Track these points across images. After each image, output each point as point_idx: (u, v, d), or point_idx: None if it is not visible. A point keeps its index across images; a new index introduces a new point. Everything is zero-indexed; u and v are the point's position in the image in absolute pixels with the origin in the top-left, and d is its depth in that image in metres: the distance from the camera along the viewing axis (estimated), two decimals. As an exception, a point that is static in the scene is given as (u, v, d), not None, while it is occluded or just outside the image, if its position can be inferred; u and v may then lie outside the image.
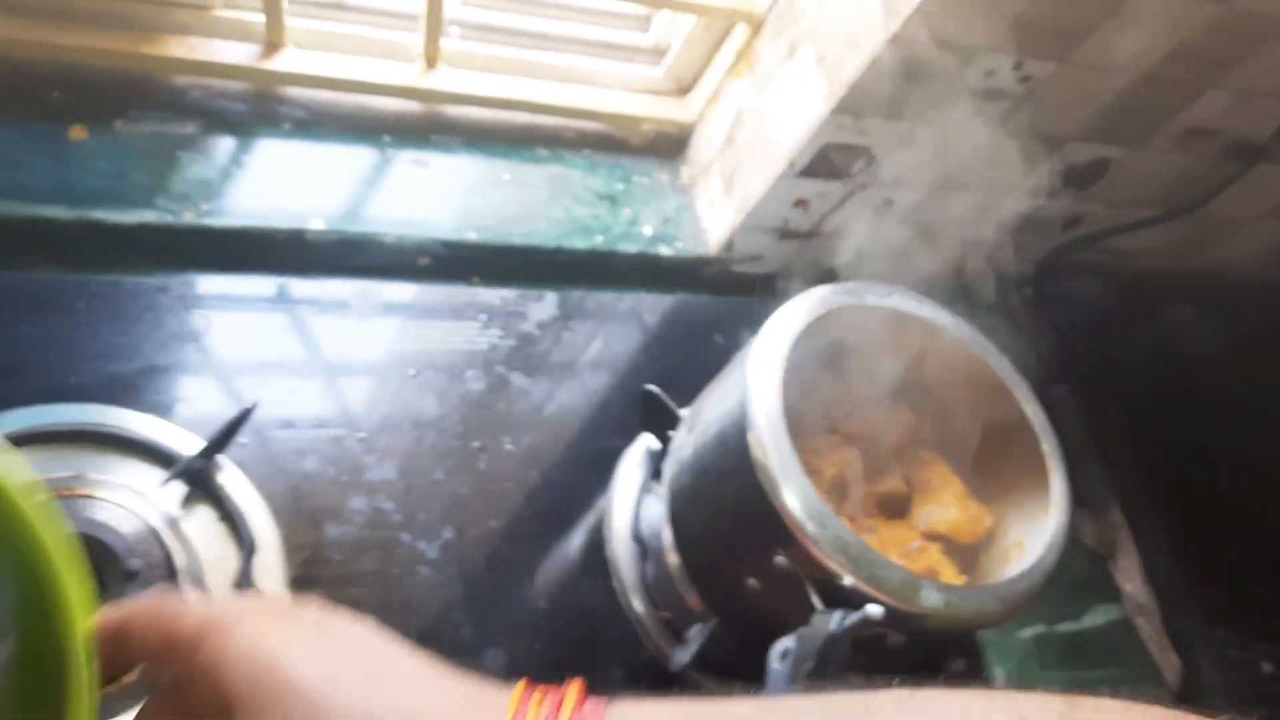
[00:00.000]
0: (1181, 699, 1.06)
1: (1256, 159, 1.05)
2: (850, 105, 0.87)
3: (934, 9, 0.78)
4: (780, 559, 0.64)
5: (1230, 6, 0.83)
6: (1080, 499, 1.14)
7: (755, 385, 0.66)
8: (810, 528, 0.62)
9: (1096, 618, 1.10)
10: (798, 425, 0.71)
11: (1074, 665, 1.06)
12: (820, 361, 0.75)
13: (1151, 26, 0.85)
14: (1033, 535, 0.75)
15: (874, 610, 0.60)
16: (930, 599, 0.63)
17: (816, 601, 0.63)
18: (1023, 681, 1.02)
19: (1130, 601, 1.10)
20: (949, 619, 0.64)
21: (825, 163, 0.93)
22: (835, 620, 0.60)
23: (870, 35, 0.82)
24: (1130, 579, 1.10)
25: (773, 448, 0.63)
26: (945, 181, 1.00)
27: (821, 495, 0.75)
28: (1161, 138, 1.00)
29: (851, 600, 0.62)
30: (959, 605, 0.64)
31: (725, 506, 0.69)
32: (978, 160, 0.97)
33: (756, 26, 0.97)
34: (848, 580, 0.62)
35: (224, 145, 0.89)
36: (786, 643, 0.62)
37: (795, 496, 0.62)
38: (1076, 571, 1.12)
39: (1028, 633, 1.06)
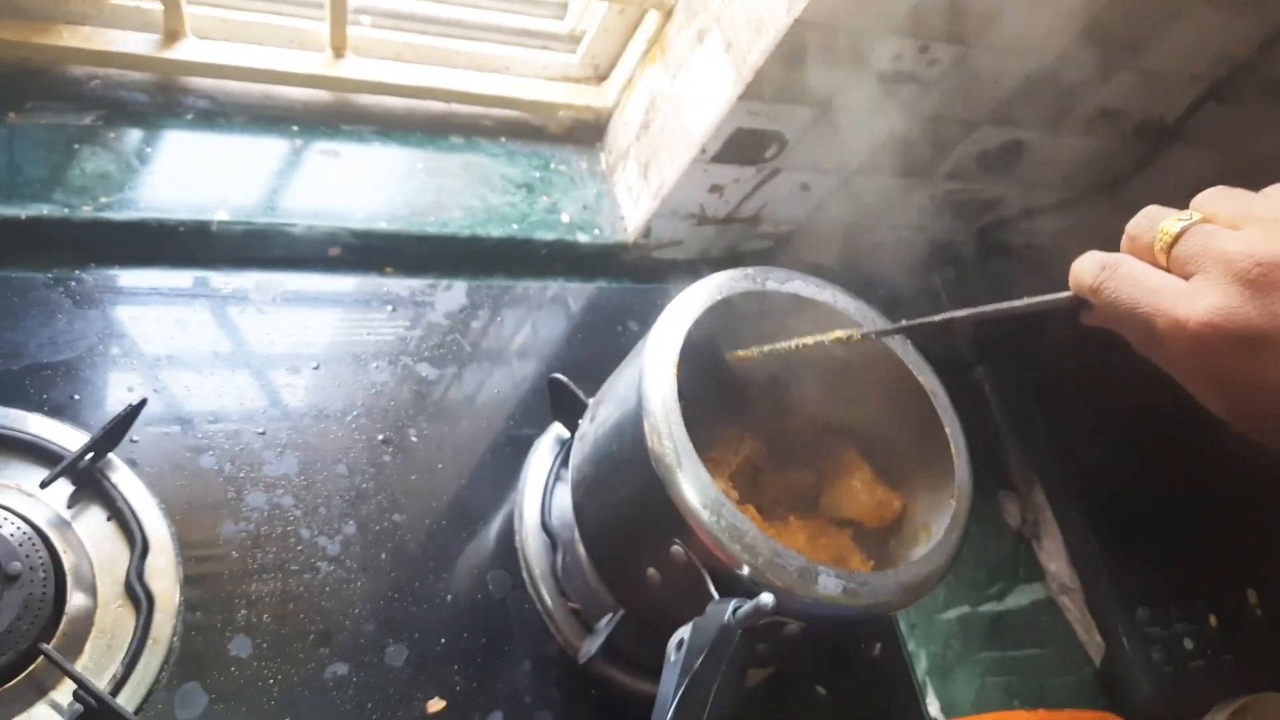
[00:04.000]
0: (1105, 676, 1.07)
1: (1168, 140, 1.05)
2: (759, 90, 0.87)
3: (836, -8, 0.78)
4: (677, 548, 0.63)
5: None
6: (1002, 480, 1.16)
7: (651, 372, 0.65)
8: (705, 516, 0.61)
9: (1020, 598, 1.11)
10: (699, 415, 0.70)
11: (998, 645, 1.07)
12: (721, 349, 0.75)
13: (1058, 8, 0.86)
14: (938, 518, 0.75)
15: (766, 599, 0.59)
16: (828, 586, 0.63)
17: (713, 591, 0.62)
18: (947, 662, 1.03)
19: (1054, 581, 1.11)
20: (847, 606, 0.63)
21: (737, 148, 0.93)
22: (729, 610, 0.60)
23: (775, 19, 0.82)
24: (1054, 559, 1.11)
25: (667, 435, 0.63)
26: (861, 166, 1.00)
27: (726, 485, 0.75)
28: (1073, 119, 1.01)
29: (750, 590, 0.61)
30: (857, 592, 0.64)
31: (623, 495, 0.68)
32: (891, 144, 0.98)
33: (667, 13, 0.96)
34: (744, 570, 0.61)
35: (125, 137, 0.87)
36: (682, 633, 0.61)
37: (690, 484, 0.62)
38: (1000, 552, 1.12)
39: (952, 614, 1.06)
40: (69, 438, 0.69)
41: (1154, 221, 0.51)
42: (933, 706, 0.98)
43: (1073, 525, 1.09)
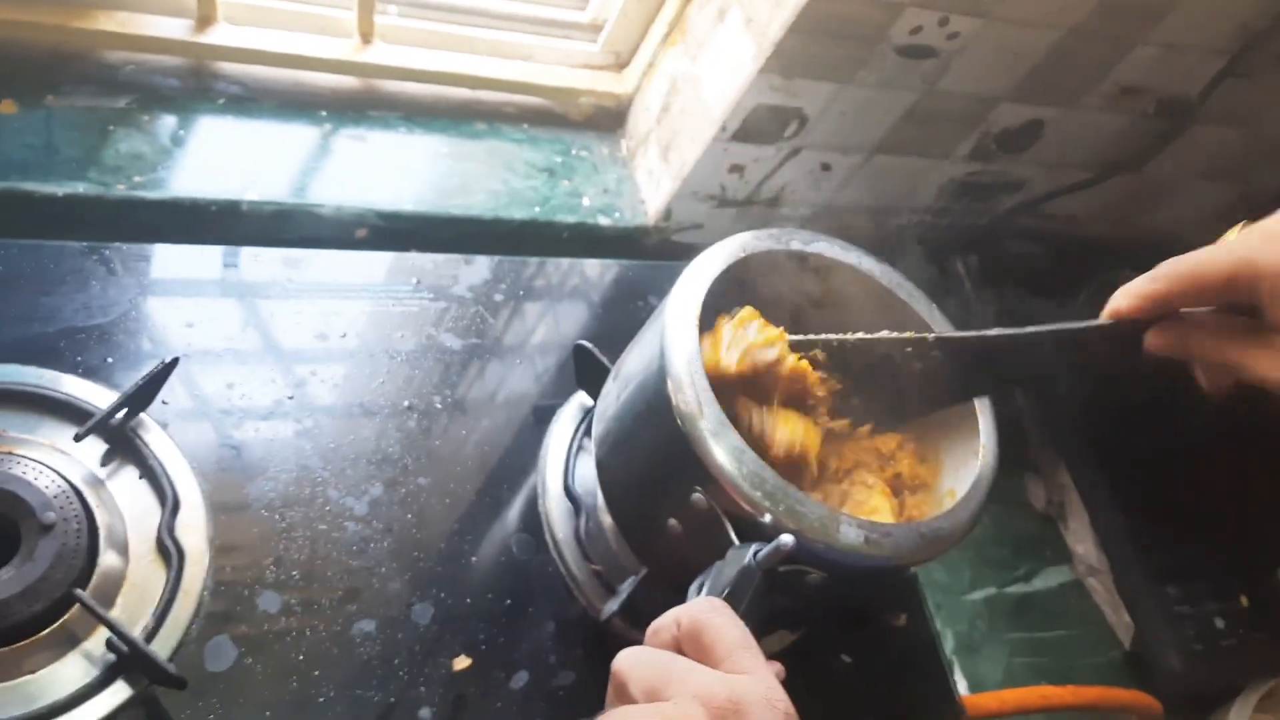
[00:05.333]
0: (1134, 657, 1.06)
1: (1188, 118, 1.06)
2: (778, 65, 0.88)
3: (852, -38, 0.79)
4: (698, 496, 0.63)
5: (1147, -43, 0.85)
6: (1026, 462, 1.15)
7: (673, 326, 0.66)
8: (726, 462, 0.62)
9: (1048, 579, 1.11)
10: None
11: (1025, 626, 1.06)
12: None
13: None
14: (963, 481, 0.75)
15: (786, 539, 0.59)
16: (849, 535, 0.63)
17: (734, 538, 0.63)
18: (973, 642, 1.02)
19: (1081, 563, 1.11)
20: (867, 554, 0.63)
21: (757, 125, 0.94)
22: (749, 553, 0.60)
23: (793, -8, 0.83)
24: (1080, 540, 1.10)
25: (688, 384, 0.63)
26: (880, 145, 1.01)
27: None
28: (1093, 96, 1.01)
29: (770, 537, 0.62)
30: (879, 543, 0.64)
31: (647, 446, 0.68)
32: (911, 122, 0.98)
33: (688, -6, 0.98)
34: (765, 517, 0.62)
35: (158, 120, 0.90)
36: (702, 577, 0.61)
37: (710, 432, 0.62)
38: (1026, 533, 1.12)
39: (978, 594, 1.06)
40: (102, 398, 0.70)
41: None
42: (960, 684, 0.97)
43: (1099, 506, 1.09)
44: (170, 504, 0.68)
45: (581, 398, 0.86)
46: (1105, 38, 0.94)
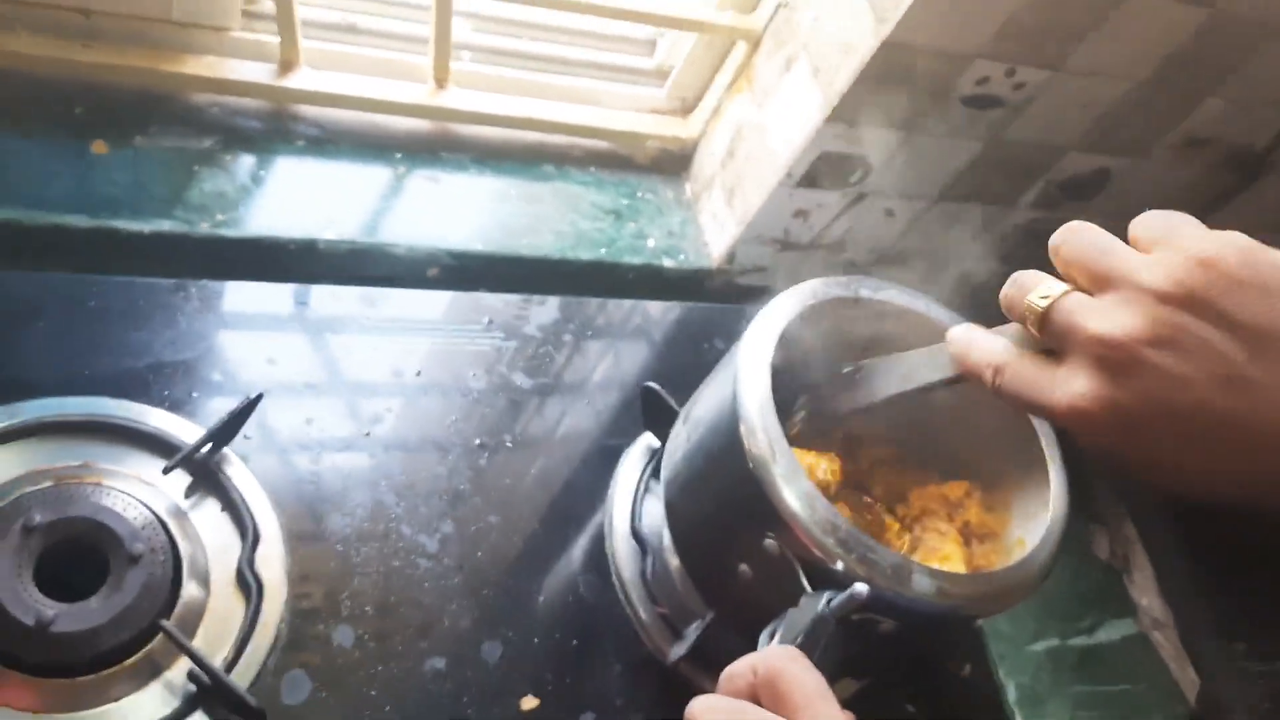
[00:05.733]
0: (1200, 714, 1.04)
1: (1257, 170, 1.05)
2: (844, 114, 0.89)
3: (922, 15, 0.80)
4: (770, 541, 0.64)
5: (1218, 12, 0.85)
6: (1093, 513, 1.14)
7: (745, 371, 0.67)
8: (800, 510, 0.62)
9: (1111, 632, 1.09)
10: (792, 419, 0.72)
11: (1089, 680, 1.05)
12: (817, 359, 0.76)
13: (1141, 33, 0.87)
14: (1033, 531, 0.74)
15: (860, 589, 0.59)
16: (921, 584, 0.63)
17: (806, 585, 0.63)
18: (1037, 694, 1.01)
19: (1146, 616, 1.09)
20: (940, 604, 0.63)
21: (822, 172, 0.95)
22: (822, 601, 0.60)
23: (862, 42, 0.84)
24: (1145, 593, 1.09)
25: (760, 428, 0.64)
26: (945, 192, 1.01)
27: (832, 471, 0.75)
28: (1161, 148, 1.01)
29: (843, 585, 0.62)
30: (950, 592, 0.64)
31: (717, 491, 0.69)
32: (977, 170, 0.99)
33: (755, 43, 0.99)
34: (838, 564, 0.62)
35: (240, 161, 0.92)
36: (775, 624, 0.62)
37: (784, 477, 0.63)
38: (1090, 585, 1.11)
39: (1040, 646, 1.05)
40: (187, 431, 0.72)
41: (1023, 292, 0.50)
42: (1023, 736, 0.96)
43: (1164, 558, 1.07)
44: (250, 537, 0.70)
45: (649, 439, 0.87)
46: (1174, 89, 0.94)
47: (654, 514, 0.80)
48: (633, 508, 0.82)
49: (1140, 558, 1.09)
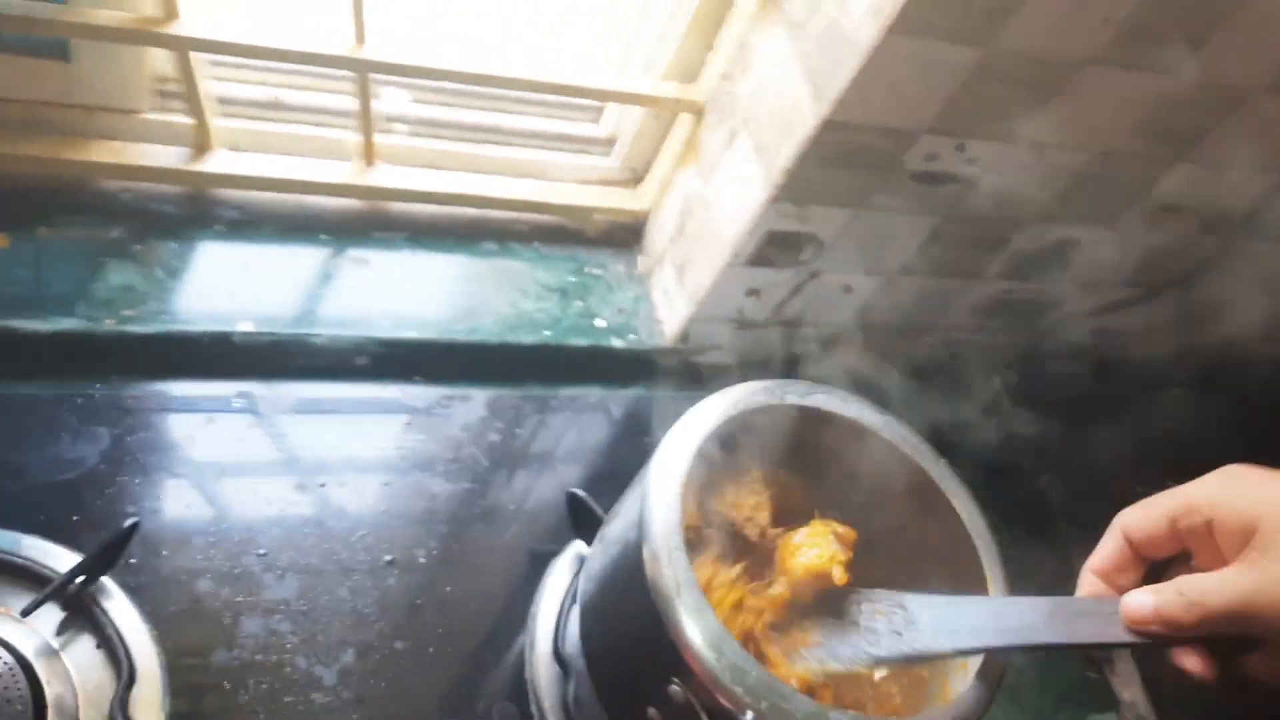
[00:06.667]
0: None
1: (1235, 234, 0.99)
2: (789, 192, 0.84)
3: (862, 91, 0.75)
4: (675, 688, 0.58)
5: (1181, 80, 0.79)
6: (1070, 599, 1.07)
7: (655, 494, 0.61)
8: (705, 653, 0.56)
9: (1093, 729, 1.02)
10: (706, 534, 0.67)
11: (1070, 781, 0.98)
12: (737, 462, 0.71)
13: (1107, 102, 0.81)
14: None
15: (770, 748, 0.54)
16: (842, 734, 0.57)
17: (712, 739, 0.57)
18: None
19: (1129, 710, 1.02)
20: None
21: (771, 251, 0.89)
22: (732, 756, 0.55)
23: (802, 120, 0.79)
24: (1128, 686, 1.02)
25: (667, 562, 0.58)
26: (905, 267, 0.95)
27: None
28: (1132, 215, 0.95)
29: (753, 736, 0.56)
30: (876, 743, 0.58)
31: (625, 625, 0.63)
32: (936, 244, 0.93)
33: (699, 115, 0.94)
34: (746, 715, 0.56)
35: (152, 249, 0.88)
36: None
37: (689, 617, 0.57)
38: (1070, 679, 1.04)
39: (1016, 747, 0.98)
40: (64, 560, 0.67)
41: None
42: None
43: (1147, 649, 1.00)
44: (125, 678, 0.64)
45: (580, 546, 0.81)
46: (1141, 158, 0.88)
47: (576, 632, 0.74)
48: (557, 625, 0.76)
49: (1123, 650, 1.02)
